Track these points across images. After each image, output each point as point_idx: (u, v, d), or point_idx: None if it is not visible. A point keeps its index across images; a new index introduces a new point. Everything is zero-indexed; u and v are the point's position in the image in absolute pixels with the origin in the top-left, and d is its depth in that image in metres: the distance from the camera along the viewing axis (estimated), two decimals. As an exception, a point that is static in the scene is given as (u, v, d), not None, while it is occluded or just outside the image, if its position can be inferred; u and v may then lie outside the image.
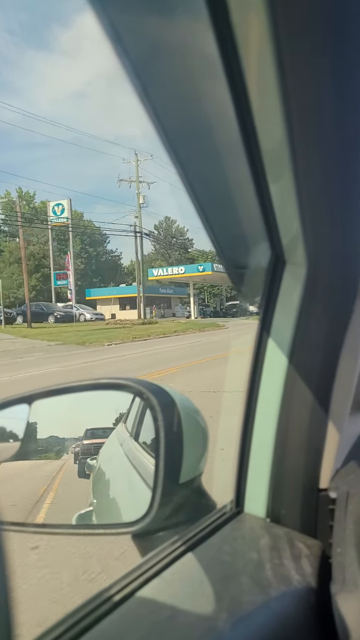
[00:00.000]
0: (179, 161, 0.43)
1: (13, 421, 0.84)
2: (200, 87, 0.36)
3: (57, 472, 0.82)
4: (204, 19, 0.29)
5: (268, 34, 0.30)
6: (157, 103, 0.36)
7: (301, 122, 0.39)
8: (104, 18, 0.30)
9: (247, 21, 0.30)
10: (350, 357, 0.65)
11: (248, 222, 0.58)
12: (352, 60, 0.34)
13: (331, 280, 0.62)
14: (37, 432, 0.84)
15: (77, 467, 0.81)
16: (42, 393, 0.81)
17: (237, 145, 0.41)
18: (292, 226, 0.54)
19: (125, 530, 0.70)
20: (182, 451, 0.68)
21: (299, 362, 0.65)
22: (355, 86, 0.36)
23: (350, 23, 0.31)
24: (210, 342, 15.67)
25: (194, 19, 0.30)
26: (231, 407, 4.39)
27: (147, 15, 0.30)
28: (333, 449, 0.65)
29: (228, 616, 0.47)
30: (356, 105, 0.39)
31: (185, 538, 0.61)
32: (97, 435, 0.82)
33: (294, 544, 0.61)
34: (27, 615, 1.82)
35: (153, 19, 0.30)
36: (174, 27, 0.31)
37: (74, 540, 2.46)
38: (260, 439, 0.68)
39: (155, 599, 0.50)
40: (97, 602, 0.49)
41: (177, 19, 0.30)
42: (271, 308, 0.67)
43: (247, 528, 0.66)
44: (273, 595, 0.51)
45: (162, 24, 0.31)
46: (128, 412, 0.81)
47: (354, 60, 0.34)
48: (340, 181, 0.49)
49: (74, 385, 0.81)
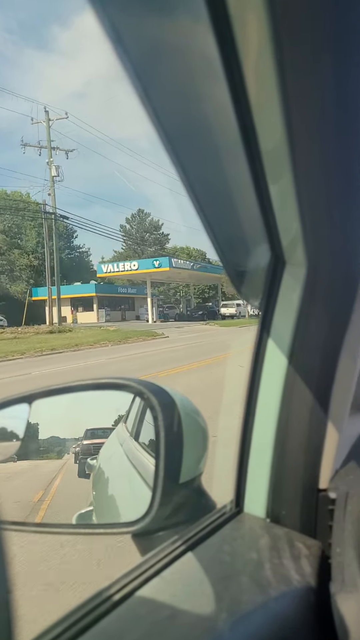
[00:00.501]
0: (179, 162, 0.43)
1: (13, 421, 0.84)
2: (200, 88, 0.36)
3: (58, 471, 0.83)
4: (204, 19, 0.29)
5: (268, 34, 0.30)
6: (157, 103, 0.36)
7: (301, 123, 0.39)
8: (104, 18, 0.30)
9: (247, 21, 0.30)
10: (349, 358, 0.65)
11: (248, 222, 0.58)
12: (353, 61, 0.34)
13: (331, 281, 0.63)
14: (38, 431, 0.84)
15: (77, 467, 0.82)
16: (42, 392, 0.82)
17: (237, 146, 0.41)
18: (292, 227, 0.54)
19: (125, 530, 0.70)
20: (182, 451, 0.68)
21: (298, 362, 0.65)
22: (356, 87, 0.36)
23: (350, 23, 0.31)
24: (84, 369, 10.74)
25: (194, 19, 0.30)
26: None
27: (147, 15, 0.30)
28: (332, 449, 0.65)
29: (228, 616, 0.47)
30: (356, 106, 0.39)
31: (185, 538, 0.61)
32: (97, 435, 0.82)
33: (293, 544, 0.61)
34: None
35: (153, 19, 0.30)
36: (174, 27, 0.31)
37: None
38: (260, 439, 0.68)
39: (154, 598, 0.50)
40: (96, 601, 0.49)
41: (177, 19, 0.31)
42: (271, 309, 0.67)
43: (247, 528, 0.66)
44: (273, 595, 0.52)
45: (162, 24, 0.31)
46: (128, 412, 0.81)
47: (355, 61, 0.34)
48: (340, 182, 0.49)
49: (74, 385, 0.81)
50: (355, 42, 0.33)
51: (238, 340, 13.69)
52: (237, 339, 14.40)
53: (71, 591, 2.18)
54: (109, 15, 0.30)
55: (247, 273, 0.72)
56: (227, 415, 2.51)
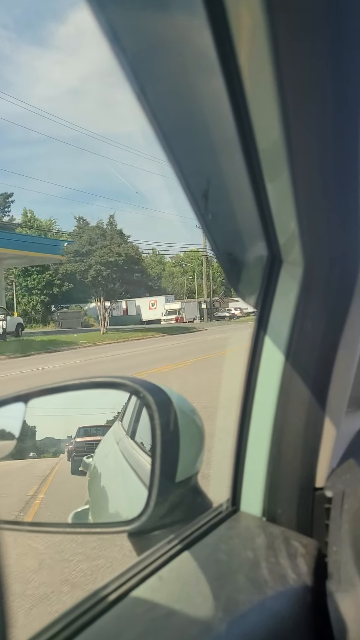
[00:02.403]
0: (175, 158, 0.43)
1: (9, 419, 0.84)
2: (197, 84, 0.36)
3: (51, 470, 0.82)
4: (200, 14, 0.29)
5: (264, 30, 0.30)
6: (154, 100, 0.36)
7: (298, 121, 0.39)
8: (100, 14, 0.29)
9: (243, 17, 0.30)
10: (346, 357, 0.65)
11: (245, 221, 0.58)
12: (350, 59, 0.34)
13: (328, 279, 0.62)
14: (34, 430, 0.84)
15: (70, 465, 0.81)
16: (38, 391, 0.81)
17: (234, 144, 0.41)
18: (289, 225, 0.54)
19: (121, 529, 0.70)
20: (178, 450, 0.67)
21: (295, 361, 0.65)
22: (353, 84, 0.36)
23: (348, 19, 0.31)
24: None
25: (190, 15, 0.30)
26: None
27: (143, 11, 0.30)
28: (329, 448, 0.65)
29: (224, 615, 0.47)
30: (355, 103, 0.39)
31: (182, 537, 0.61)
32: (90, 432, 0.82)
33: (290, 543, 0.61)
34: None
35: (150, 15, 0.30)
36: (170, 23, 0.31)
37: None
38: (257, 438, 0.68)
39: (151, 597, 0.50)
40: (93, 600, 0.49)
41: (174, 15, 0.30)
42: (268, 307, 0.67)
43: (243, 527, 0.66)
44: (269, 593, 0.51)
45: (159, 20, 0.31)
46: (124, 411, 0.80)
47: (352, 59, 0.34)
48: (337, 180, 0.49)
49: (70, 384, 0.81)
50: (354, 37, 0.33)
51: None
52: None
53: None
54: (105, 11, 0.30)
55: (244, 271, 0.72)
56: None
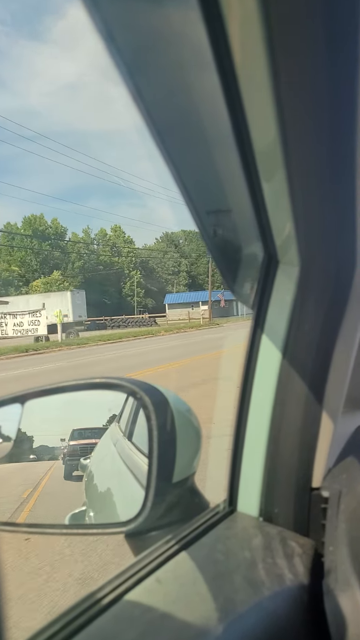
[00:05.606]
0: (170, 157, 0.43)
1: (5, 422, 0.83)
2: (192, 80, 0.36)
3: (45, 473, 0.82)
4: (194, 10, 0.29)
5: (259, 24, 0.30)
6: (149, 96, 0.36)
7: (294, 121, 0.39)
8: (94, 10, 0.29)
9: (238, 12, 0.30)
10: (342, 357, 0.65)
11: (241, 221, 0.58)
12: (347, 53, 0.34)
13: (324, 280, 0.63)
14: (30, 432, 0.84)
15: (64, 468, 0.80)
16: (35, 393, 0.81)
17: (229, 144, 0.41)
18: (285, 226, 0.54)
19: (118, 530, 0.70)
20: (175, 450, 0.67)
21: (292, 361, 0.65)
22: (349, 82, 0.36)
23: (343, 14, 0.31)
24: None
25: (185, 10, 0.30)
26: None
27: (138, 6, 0.30)
28: (326, 448, 0.66)
29: (221, 615, 0.47)
30: (350, 102, 0.39)
31: (179, 537, 0.61)
32: (85, 435, 0.81)
33: (286, 543, 0.61)
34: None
35: (144, 10, 0.30)
36: (165, 18, 0.31)
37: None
38: (254, 438, 0.68)
39: (148, 598, 0.50)
40: (90, 601, 0.49)
41: (169, 10, 0.30)
42: (264, 308, 0.67)
43: (240, 527, 0.66)
44: (266, 593, 0.51)
45: (153, 15, 0.31)
46: (121, 412, 0.80)
47: (348, 53, 0.34)
48: (333, 181, 0.49)
49: (67, 385, 0.81)
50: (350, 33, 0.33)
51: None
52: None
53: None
54: (100, 6, 0.30)
55: (240, 272, 0.72)
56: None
